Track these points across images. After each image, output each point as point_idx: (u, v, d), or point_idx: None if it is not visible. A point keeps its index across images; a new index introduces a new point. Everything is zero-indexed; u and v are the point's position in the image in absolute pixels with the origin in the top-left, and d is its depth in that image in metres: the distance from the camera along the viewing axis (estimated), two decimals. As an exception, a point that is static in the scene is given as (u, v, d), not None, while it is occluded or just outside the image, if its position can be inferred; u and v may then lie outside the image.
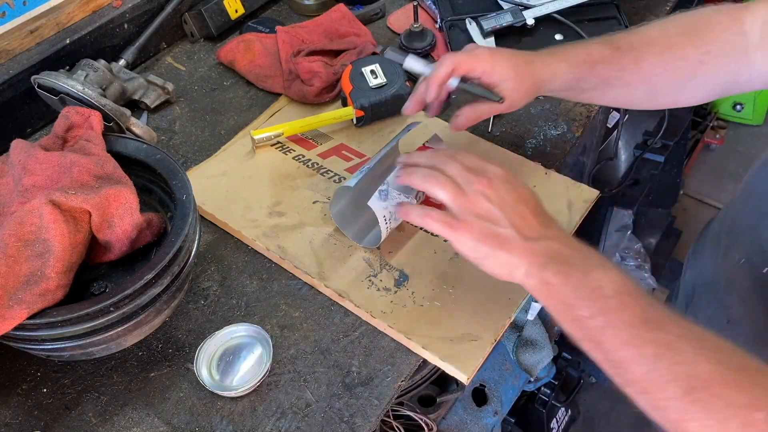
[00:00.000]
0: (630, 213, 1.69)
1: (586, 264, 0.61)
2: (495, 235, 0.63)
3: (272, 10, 1.24)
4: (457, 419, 1.26)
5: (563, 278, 0.60)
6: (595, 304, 0.58)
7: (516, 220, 0.63)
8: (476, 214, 0.64)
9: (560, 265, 0.61)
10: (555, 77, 0.80)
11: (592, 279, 0.59)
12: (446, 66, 0.79)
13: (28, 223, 0.67)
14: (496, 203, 0.64)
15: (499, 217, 0.63)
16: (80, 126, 0.79)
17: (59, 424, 0.72)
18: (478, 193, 0.65)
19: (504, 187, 0.65)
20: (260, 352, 0.76)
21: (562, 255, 0.62)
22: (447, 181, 0.66)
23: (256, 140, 0.96)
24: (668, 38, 0.79)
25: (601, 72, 0.80)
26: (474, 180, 0.65)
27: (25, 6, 0.99)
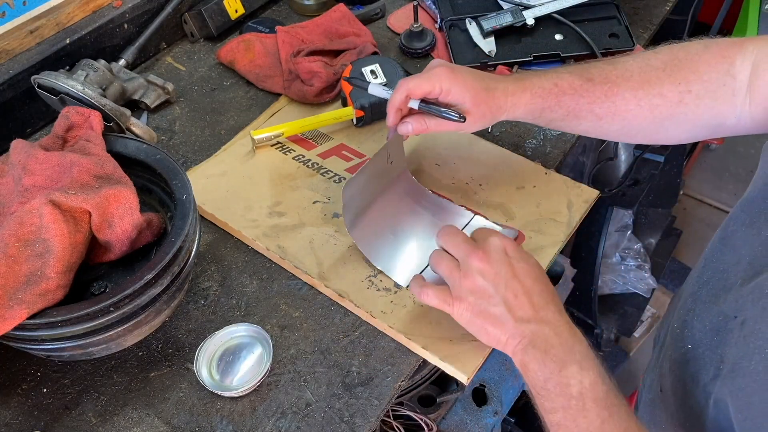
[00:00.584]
0: (630, 213, 1.69)
1: (565, 358, 0.61)
2: (487, 313, 0.65)
3: (272, 10, 1.24)
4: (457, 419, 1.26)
5: (539, 365, 0.62)
6: (559, 399, 0.60)
7: (509, 298, 0.64)
8: (470, 291, 0.66)
9: (539, 351, 0.62)
10: (515, 107, 0.78)
11: (564, 375, 0.60)
12: (400, 93, 0.77)
13: (28, 223, 0.67)
14: (490, 280, 0.65)
15: (492, 295, 0.65)
16: (80, 126, 0.79)
17: (59, 424, 0.72)
18: (473, 269, 0.66)
19: (501, 260, 0.66)
20: (260, 352, 0.76)
21: (547, 343, 0.62)
22: (445, 258, 0.69)
23: (256, 140, 0.96)
24: (647, 72, 0.75)
25: (568, 103, 0.77)
26: (471, 254, 0.66)
27: (25, 6, 0.99)
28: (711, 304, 0.65)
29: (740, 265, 0.62)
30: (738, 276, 0.62)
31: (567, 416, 0.59)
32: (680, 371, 0.69)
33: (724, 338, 0.61)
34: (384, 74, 1.00)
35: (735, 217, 0.67)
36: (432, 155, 0.96)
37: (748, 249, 0.62)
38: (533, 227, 0.87)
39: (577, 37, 1.08)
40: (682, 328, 0.70)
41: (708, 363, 0.63)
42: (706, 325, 0.65)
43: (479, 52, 1.08)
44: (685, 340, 0.68)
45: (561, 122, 0.79)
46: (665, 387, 0.73)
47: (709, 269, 0.68)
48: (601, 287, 1.69)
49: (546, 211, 0.88)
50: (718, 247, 0.68)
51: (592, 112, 0.77)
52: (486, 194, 0.91)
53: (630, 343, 1.88)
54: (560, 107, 0.77)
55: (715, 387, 0.61)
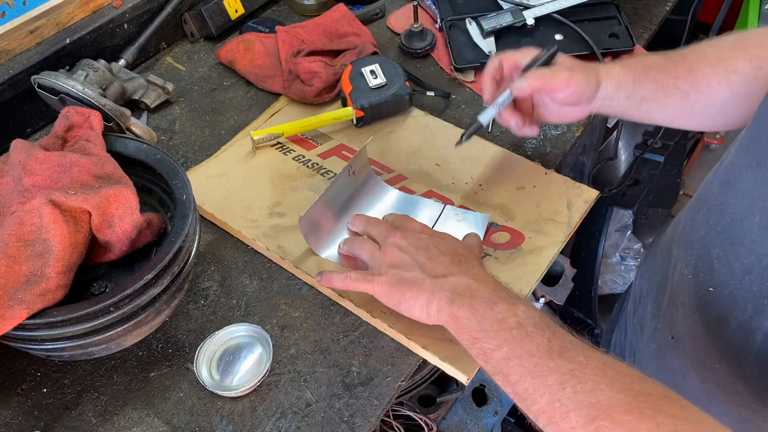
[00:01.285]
0: (630, 213, 1.69)
1: (492, 297, 0.62)
2: (404, 280, 0.67)
3: (272, 10, 1.24)
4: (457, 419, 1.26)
5: (469, 311, 0.62)
6: (500, 335, 0.60)
7: (424, 261, 0.67)
8: (388, 264, 0.70)
9: (466, 298, 0.63)
10: (609, 76, 0.79)
11: (497, 311, 0.61)
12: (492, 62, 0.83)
13: (28, 223, 0.67)
14: (405, 250, 0.70)
15: (408, 262, 0.69)
16: (80, 126, 0.79)
17: (59, 424, 0.72)
18: (390, 245, 0.71)
19: (418, 236, 0.71)
20: (260, 352, 0.76)
21: (469, 289, 0.64)
22: (367, 242, 0.75)
23: (256, 140, 0.96)
24: (720, 51, 0.77)
25: (656, 76, 0.78)
26: (389, 234, 0.72)
27: (25, 6, 0.99)
28: (732, 245, 0.64)
29: (755, 206, 0.62)
30: (755, 215, 0.61)
31: (513, 346, 0.59)
32: (701, 315, 0.69)
33: (760, 275, 0.61)
34: (384, 74, 1.00)
35: (735, 161, 0.66)
36: (432, 155, 0.96)
37: (759, 189, 0.61)
38: (533, 227, 0.87)
39: (577, 37, 1.08)
40: (695, 273, 0.70)
41: (741, 301, 0.63)
42: (734, 267, 0.64)
43: (479, 52, 1.08)
44: (703, 285, 0.68)
45: (651, 101, 0.79)
46: (679, 333, 0.74)
47: (714, 214, 0.68)
48: (601, 287, 1.69)
49: (546, 211, 0.88)
50: (720, 191, 0.68)
51: (678, 87, 0.78)
52: (486, 194, 0.91)
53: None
54: (649, 81, 0.78)
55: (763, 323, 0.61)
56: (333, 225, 0.85)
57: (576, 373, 0.55)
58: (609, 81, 0.79)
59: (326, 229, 0.84)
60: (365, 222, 0.80)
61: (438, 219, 0.87)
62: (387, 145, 0.98)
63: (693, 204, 0.75)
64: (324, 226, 0.84)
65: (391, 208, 0.88)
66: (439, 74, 1.10)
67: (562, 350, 0.57)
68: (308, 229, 0.82)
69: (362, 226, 0.80)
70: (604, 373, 0.55)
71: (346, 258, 0.81)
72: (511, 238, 0.86)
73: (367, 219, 0.80)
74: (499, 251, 0.84)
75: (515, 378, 0.58)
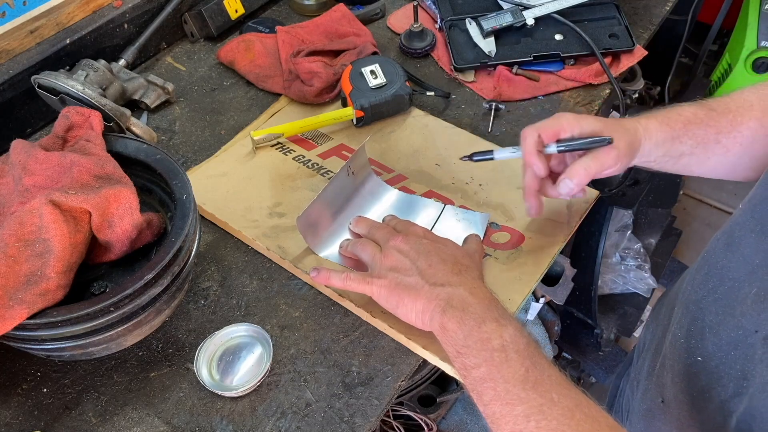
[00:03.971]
0: (630, 213, 1.68)
1: (483, 315, 0.62)
2: (403, 284, 0.67)
3: (272, 10, 1.24)
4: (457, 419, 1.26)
5: (457, 324, 0.62)
6: (481, 354, 0.60)
7: (424, 267, 0.67)
8: (389, 267, 0.70)
9: (458, 311, 0.63)
10: (647, 134, 0.74)
11: (484, 330, 0.61)
12: (530, 136, 0.74)
13: (28, 223, 0.67)
14: (407, 254, 0.69)
15: (408, 267, 0.68)
16: (80, 126, 0.79)
17: (59, 424, 0.72)
18: (392, 248, 0.71)
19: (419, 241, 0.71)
20: (260, 352, 0.76)
21: (463, 302, 0.64)
22: (369, 243, 0.75)
23: (256, 141, 0.96)
24: (766, 101, 0.73)
25: (696, 132, 0.74)
26: (391, 237, 0.72)
27: (25, 6, 0.99)
28: (724, 315, 0.62)
29: (755, 275, 0.60)
30: (752, 286, 0.60)
31: (491, 369, 0.59)
32: (687, 384, 0.67)
33: (744, 353, 0.59)
34: (384, 74, 1.00)
35: (741, 222, 0.64)
36: (432, 155, 0.96)
37: (762, 257, 0.59)
38: (533, 227, 0.87)
39: (577, 37, 1.08)
40: (687, 338, 0.68)
41: (725, 378, 0.61)
42: (722, 338, 0.62)
43: (479, 53, 1.08)
44: (693, 352, 0.66)
45: (690, 156, 0.75)
46: (668, 398, 0.71)
47: (714, 277, 0.65)
48: (601, 287, 1.69)
49: (546, 211, 0.88)
50: (723, 253, 0.66)
51: (719, 143, 0.74)
52: (486, 194, 0.91)
53: (630, 343, 1.88)
54: (688, 137, 0.74)
55: (739, 406, 0.58)
56: (331, 224, 0.85)
57: (544, 408, 0.55)
58: (647, 141, 0.74)
59: (325, 229, 0.84)
60: (368, 225, 0.80)
61: (438, 219, 0.87)
62: (387, 145, 0.98)
63: (699, 261, 0.72)
64: (322, 225, 0.84)
65: (390, 209, 0.88)
66: (439, 74, 1.10)
67: (537, 383, 0.57)
68: (306, 229, 0.82)
69: (365, 229, 0.80)
70: (572, 415, 0.55)
71: (346, 258, 0.81)
72: (511, 238, 0.86)
73: (371, 222, 0.81)
74: (499, 251, 0.84)
75: (486, 399, 0.59)
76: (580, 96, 1.05)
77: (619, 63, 1.09)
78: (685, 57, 2.08)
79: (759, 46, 1.70)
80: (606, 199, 1.53)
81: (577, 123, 0.73)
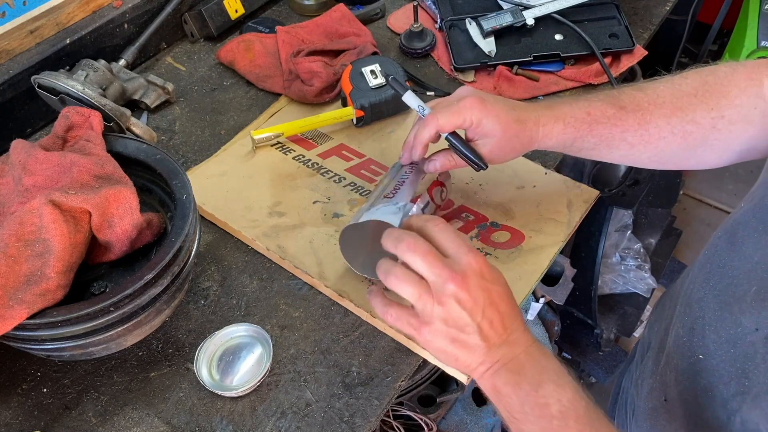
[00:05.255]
0: (630, 213, 1.68)
1: (539, 377, 0.59)
2: (459, 342, 0.61)
3: (272, 10, 1.24)
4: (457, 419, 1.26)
5: (512, 388, 0.60)
6: (539, 422, 0.58)
7: (485, 326, 0.60)
8: (443, 318, 0.60)
9: (512, 374, 0.60)
10: (547, 137, 0.76)
11: (542, 394, 0.58)
12: (429, 128, 0.74)
13: (28, 223, 0.67)
14: (467, 309, 0.59)
15: (467, 325, 0.60)
16: (80, 126, 0.79)
17: (59, 424, 0.72)
18: (449, 294, 0.59)
19: (479, 286, 0.60)
20: (260, 352, 0.76)
21: (518, 364, 0.60)
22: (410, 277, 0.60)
23: (256, 140, 0.96)
24: (679, 99, 0.74)
25: (601, 132, 0.76)
26: (447, 278, 0.59)
27: (25, 6, 0.99)
28: (723, 312, 0.62)
29: (754, 273, 0.59)
30: (752, 284, 0.59)
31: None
32: (690, 382, 0.66)
33: (744, 351, 0.59)
34: (384, 74, 1.00)
35: (745, 222, 0.64)
36: (432, 155, 0.96)
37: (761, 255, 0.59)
38: (533, 227, 0.87)
39: (577, 37, 1.08)
40: (690, 336, 0.67)
41: (726, 376, 0.61)
42: (721, 335, 0.62)
43: (479, 52, 1.08)
44: (695, 350, 0.66)
45: (591, 150, 0.78)
46: (671, 397, 0.71)
47: (716, 275, 0.65)
48: (601, 287, 1.69)
49: (546, 211, 0.88)
50: (726, 252, 0.65)
51: (625, 140, 0.76)
52: (486, 194, 0.91)
53: (630, 343, 1.88)
54: (593, 136, 0.76)
55: (742, 405, 0.58)
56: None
57: None
58: (546, 140, 0.76)
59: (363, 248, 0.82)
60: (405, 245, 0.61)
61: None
62: (387, 145, 0.98)
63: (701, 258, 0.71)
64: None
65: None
66: (439, 74, 1.10)
67: None
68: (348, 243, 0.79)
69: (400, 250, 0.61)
70: None
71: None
72: (511, 237, 0.86)
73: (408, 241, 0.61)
74: (499, 250, 0.84)
75: None
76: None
77: (619, 63, 1.09)
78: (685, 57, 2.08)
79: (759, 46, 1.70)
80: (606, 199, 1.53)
81: (479, 120, 0.73)
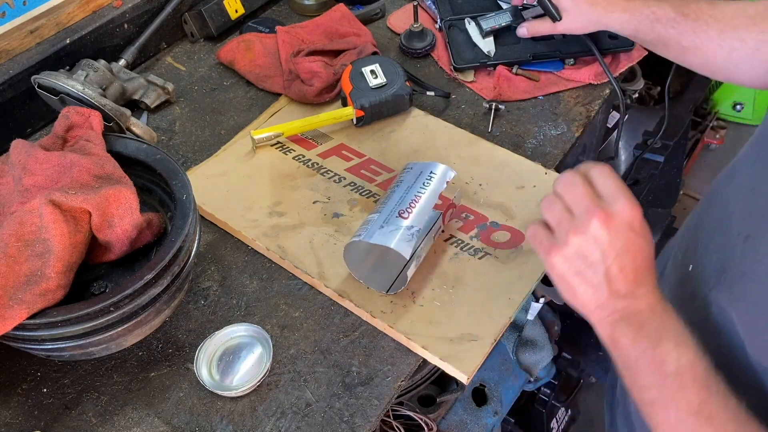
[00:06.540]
0: (630, 213, 1.68)
1: (659, 335, 0.58)
2: (583, 276, 0.59)
3: (272, 10, 1.24)
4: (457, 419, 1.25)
5: (630, 341, 0.58)
6: (654, 378, 0.57)
7: (613, 271, 0.59)
8: (575, 247, 0.59)
9: (632, 327, 0.59)
10: (612, 23, 0.90)
11: (659, 352, 0.57)
12: None
13: (28, 223, 0.67)
14: (601, 246, 0.58)
15: (596, 262, 0.59)
16: (80, 126, 0.79)
17: (59, 424, 0.72)
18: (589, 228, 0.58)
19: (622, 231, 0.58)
20: (260, 352, 0.76)
21: (640, 318, 0.59)
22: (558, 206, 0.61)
23: (256, 140, 0.96)
24: (738, 17, 0.80)
25: (659, 32, 0.86)
26: (594, 211, 0.58)
27: (25, 6, 0.99)
28: (716, 229, 0.66)
29: (742, 192, 0.63)
30: (739, 201, 0.62)
31: (663, 394, 0.56)
32: (679, 290, 0.71)
33: (727, 254, 0.62)
34: (384, 74, 1.00)
35: (742, 156, 0.68)
36: (432, 155, 0.96)
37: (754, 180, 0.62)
38: (533, 227, 0.87)
39: (576, 38, 1.08)
40: (684, 255, 0.73)
41: (708, 277, 0.65)
42: (710, 248, 0.66)
43: (479, 53, 1.08)
44: (687, 264, 0.71)
45: (650, 45, 0.91)
46: None
47: (715, 205, 0.70)
48: (601, 287, 1.68)
49: (546, 211, 0.88)
50: (724, 185, 0.70)
51: (679, 43, 0.85)
52: (486, 194, 0.91)
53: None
54: (652, 33, 0.87)
55: (718, 295, 0.62)
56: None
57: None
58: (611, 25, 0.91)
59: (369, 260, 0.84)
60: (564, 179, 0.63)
61: None
62: (387, 145, 0.98)
63: (704, 197, 0.77)
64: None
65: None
66: (439, 74, 1.10)
67: (712, 416, 0.55)
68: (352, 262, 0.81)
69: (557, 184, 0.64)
70: None
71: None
72: (511, 237, 0.86)
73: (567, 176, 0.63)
74: (499, 250, 0.84)
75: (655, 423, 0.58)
76: (580, 96, 1.05)
77: (618, 63, 1.09)
78: (685, 57, 2.07)
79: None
80: (606, 199, 1.53)
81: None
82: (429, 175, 0.83)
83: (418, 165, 0.85)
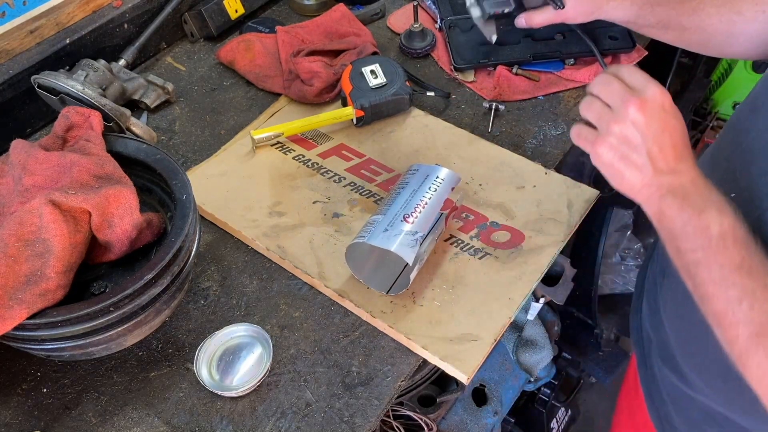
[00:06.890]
0: (630, 213, 1.68)
1: (703, 204, 0.63)
2: (627, 161, 0.66)
3: (272, 10, 1.24)
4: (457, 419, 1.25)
5: (676, 211, 0.64)
6: (698, 240, 0.62)
7: (654, 150, 0.65)
8: (618, 135, 0.66)
9: (678, 199, 0.64)
10: (614, 10, 0.92)
11: (704, 218, 0.62)
12: None
13: (28, 223, 0.67)
14: (640, 129, 0.65)
15: (638, 145, 0.65)
16: (80, 126, 0.79)
17: (59, 424, 0.72)
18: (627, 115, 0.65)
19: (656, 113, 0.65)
20: (260, 352, 0.76)
21: (684, 191, 0.64)
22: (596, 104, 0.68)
23: (256, 140, 0.96)
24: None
25: (660, 13, 0.89)
26: (628, 100, 0.65)
27: (25, 6, 0.99)
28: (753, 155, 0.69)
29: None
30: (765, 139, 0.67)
31: (707, 254, 0.61)
32: None
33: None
34: (384, 74, 1.00)
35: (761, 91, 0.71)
36: (432, 155, 0.96)
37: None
38: (533, 227, 0.87)
39: (577, 38, 1.08)
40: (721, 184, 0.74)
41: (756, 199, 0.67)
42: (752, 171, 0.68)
43: (479, 52, 1.08)
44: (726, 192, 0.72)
45: (650, 29, 0.92)
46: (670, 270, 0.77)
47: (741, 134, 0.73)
48: (601, 287, 1.68)
49: (546, 211, 0.88)
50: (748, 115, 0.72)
51: (680, 24, 0.88)
52: (486, 194, 0.91)
53: (630, 343, 1.88)
54: (653, 16, 0.90)
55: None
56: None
57: (757, 293, 0.58)
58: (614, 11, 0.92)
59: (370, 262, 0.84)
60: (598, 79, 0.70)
61: None
62: (387, 145, 0.98)
63: (723, 131, 0.79)
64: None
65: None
66: (439, 74, 1.10)
67: (752, 270, 0.60)
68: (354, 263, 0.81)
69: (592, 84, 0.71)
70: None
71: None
72: (511, 237, 0.86)
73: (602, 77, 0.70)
74: (499, 250, 0.84)
75: (699, 281, 0.62)
76: (580, 96, 1.05)
77: (618, 63, 1.08)
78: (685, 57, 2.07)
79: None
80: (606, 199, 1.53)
81: None
82: (435, 179, 0.83)
83: (424, 167, 0.85)
